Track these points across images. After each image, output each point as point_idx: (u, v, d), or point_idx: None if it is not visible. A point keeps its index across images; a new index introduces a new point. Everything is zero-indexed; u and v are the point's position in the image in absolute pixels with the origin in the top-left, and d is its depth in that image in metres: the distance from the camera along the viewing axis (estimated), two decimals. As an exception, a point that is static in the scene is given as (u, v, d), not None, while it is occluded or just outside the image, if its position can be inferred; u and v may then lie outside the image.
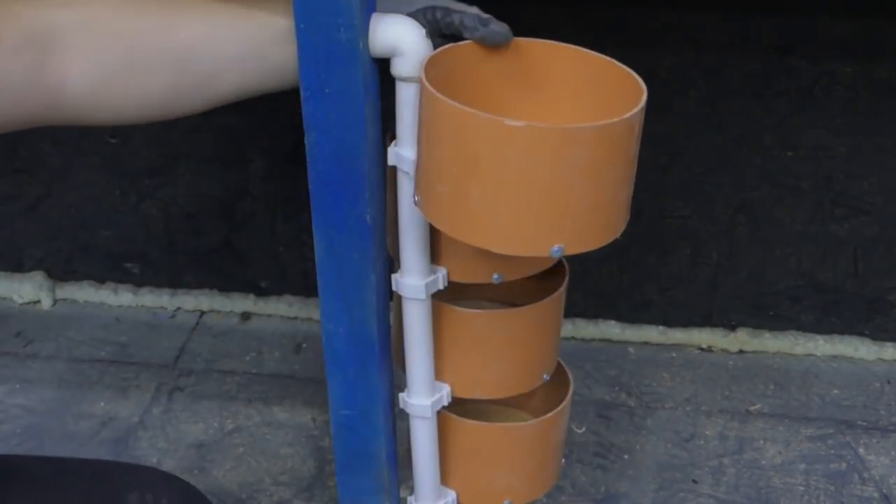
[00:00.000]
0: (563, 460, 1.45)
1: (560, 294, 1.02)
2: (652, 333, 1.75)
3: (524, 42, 0.85)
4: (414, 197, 0.82)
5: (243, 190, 1.73)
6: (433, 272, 0.93)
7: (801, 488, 1.45)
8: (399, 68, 0.82)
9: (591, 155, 0.74)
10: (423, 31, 0.82)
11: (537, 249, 0.77)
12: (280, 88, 0.82)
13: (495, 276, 0.95)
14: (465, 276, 0.95)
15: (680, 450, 1.53)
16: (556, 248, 0.77)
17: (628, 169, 0.78)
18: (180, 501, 0.82)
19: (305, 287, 1.80)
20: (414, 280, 0.92)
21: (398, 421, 1.06)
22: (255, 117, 1.64)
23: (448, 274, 0.94)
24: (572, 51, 0.86)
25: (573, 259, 1.10)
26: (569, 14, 0.92)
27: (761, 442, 1.54)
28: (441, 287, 0.94)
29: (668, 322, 1.75)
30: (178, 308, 1.86)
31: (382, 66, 0.85)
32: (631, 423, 1.58)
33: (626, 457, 1.51)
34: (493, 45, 0.79)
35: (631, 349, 1.75)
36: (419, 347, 0.96)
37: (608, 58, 0.86)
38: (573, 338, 1.76)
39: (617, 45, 1.52)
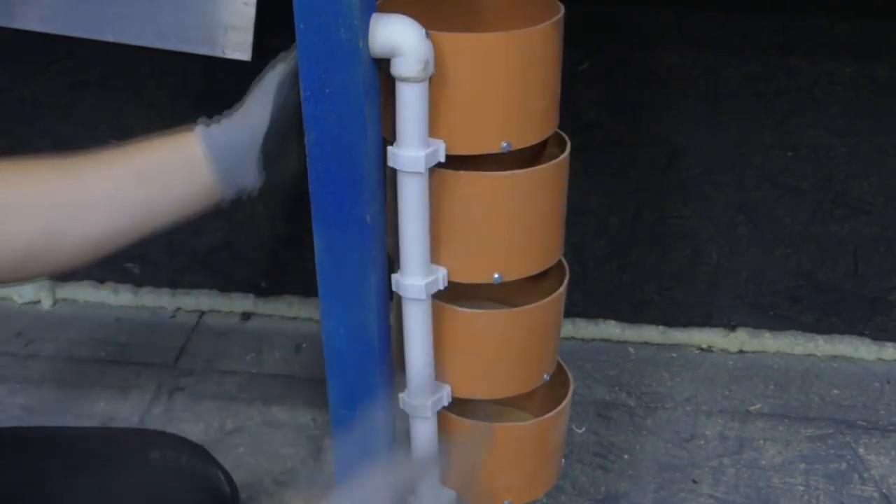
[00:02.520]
0: (563, 460, 1.45)
1: (560, 294, 1.02)
2: (652, 333, 1.75)
3: None
4: None
5: (243, 190, 1.73)
6: (433, 272, 0.93)
7: (801, 488, 1.45)
8: (399, 68, 0.82)
9: (543, 51, 0.89)
10: (423, 30, 0.82)
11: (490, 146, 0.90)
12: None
13: (495, 275, 0.95)
14: (465, 276, 0.95)
15: (680, 450, 1.53)
16: (505, 143, 0.89)
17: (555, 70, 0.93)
18: (195, 458, 0.91)
19: (305, 287, 1.80)
20: (414, 280, 0.92)
21: (398, 421, 1.06)
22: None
23: (448, 274, 0.94)
24: None
25: (573, 259, 1.10)
26: (569, 14, 0.92)
27: (761, 442, 1.54)
28: (441, 287, 0.94)
29: (668, 322, 1.75)
30: (178, 308, 1.86)
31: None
32: (631, 423, 1.58)
33: (626, 457, 1.51)
34: None
35: (631, 349, 1.75)
36: (419, 347, 0.96)
37: None
38: (573, 338, 1.76)
39: (617, 45, 1.53)
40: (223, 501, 0.87)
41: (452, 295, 0.97)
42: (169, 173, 0.83)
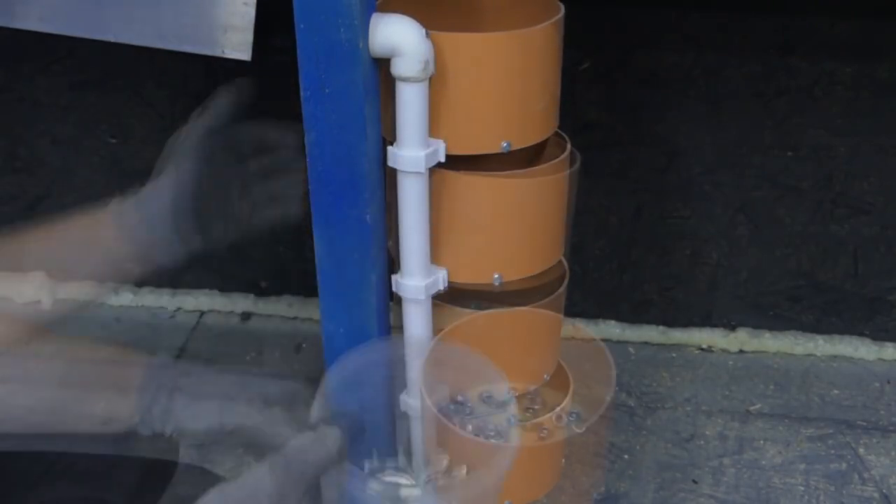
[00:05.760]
0: (563, 460, 1.45)
1: (560, 294, 1.02)
2: (652, 333, 1.75)
3: None
4: None
5: (243, 190, 1.73)
6: (433, 273, 0.93)
7: (801, 488, 1.45)
8: (399, 68, 0.82)
9: (543, 51, 0.89)
10: (424, 30, 0.82)
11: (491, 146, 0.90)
12: None
13: (495, 276, 0.95)
14: (465, 277, 0.95)
15: (680, 450, 1.53)
16: (505, 143, 0.89)
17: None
18: None
19: (305, 287, 1.80)
20: (414, 281, 0.92)
21: (398, 421, 1.06)
22: (255, 117, 1.63)
23: (448, 275, 0.94)
24: None
25: (573, 259, 1.10)
26: (569, 14, 0.92)
27: (761, 442, 1.54)
28: (441, 288, 0.94)
29: (668, 322, 1.75)
30: (178, 308, 1.86)
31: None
32: (631, 423, 1.58)
33: (626, 457, 1.51)
34: None
35: (631, 349, 1.75)
36: (420, 349, 0.96)
37: None
38: (573, 338, 1.76)
39: (617, 45, 1.53)
40: None
41: (453, 295, 0.97)
42: (83, 260, 0.84)
